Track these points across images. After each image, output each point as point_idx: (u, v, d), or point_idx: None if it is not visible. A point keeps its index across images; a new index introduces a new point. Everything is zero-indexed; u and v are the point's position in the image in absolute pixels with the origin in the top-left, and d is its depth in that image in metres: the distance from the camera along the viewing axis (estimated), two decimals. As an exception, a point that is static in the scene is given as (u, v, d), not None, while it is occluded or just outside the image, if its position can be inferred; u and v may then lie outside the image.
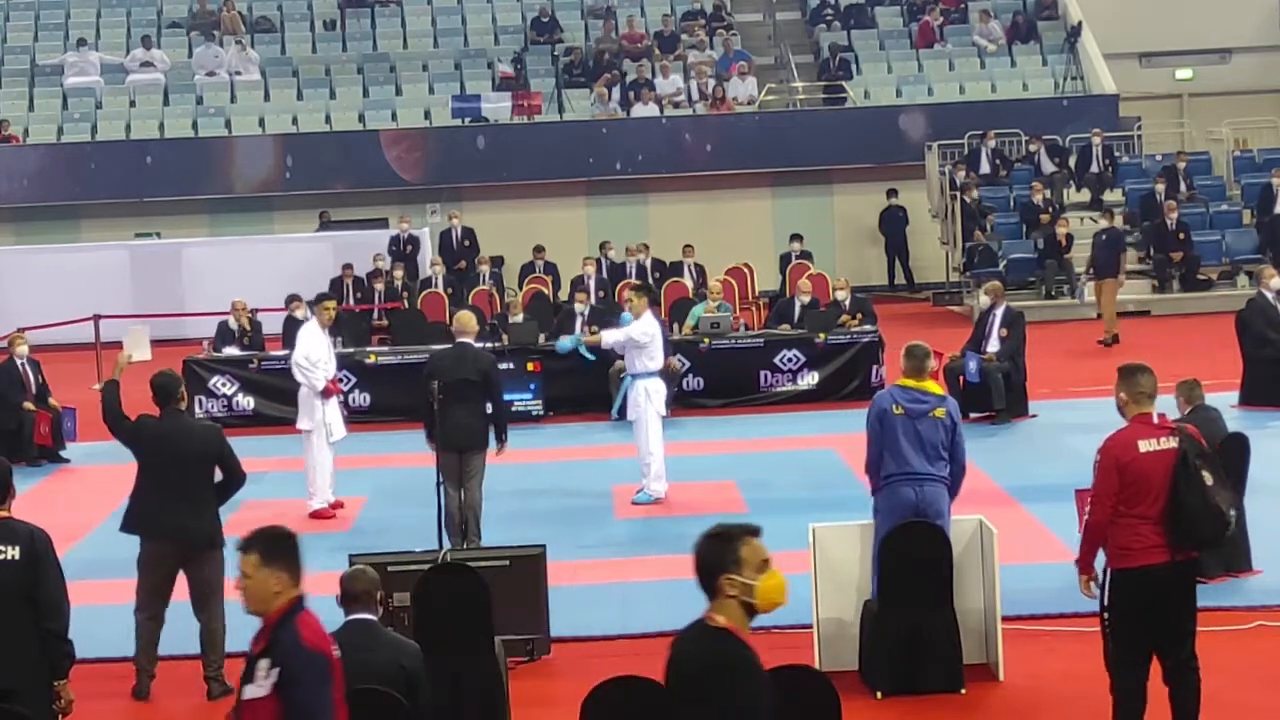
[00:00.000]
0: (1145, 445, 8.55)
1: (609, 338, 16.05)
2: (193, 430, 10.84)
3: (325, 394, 15.43)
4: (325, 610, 8.64)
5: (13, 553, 8.20)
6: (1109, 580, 8.59)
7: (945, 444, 10.34)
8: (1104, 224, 25.71)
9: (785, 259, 29.07)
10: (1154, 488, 8.51)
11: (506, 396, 15.15)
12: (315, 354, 15.42)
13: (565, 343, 18.55)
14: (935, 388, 10.56)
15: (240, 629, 11.93)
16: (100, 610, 11.29)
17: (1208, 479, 8.57)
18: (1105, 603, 8.59)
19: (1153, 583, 8.51)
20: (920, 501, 10.28)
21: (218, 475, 10.73)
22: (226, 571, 10.60)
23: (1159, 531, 8.49)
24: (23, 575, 8.19)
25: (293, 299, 21.36)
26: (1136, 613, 8.54)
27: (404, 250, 28.63)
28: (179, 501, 10.56)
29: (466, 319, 14.23)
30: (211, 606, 10.63)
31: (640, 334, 15.52)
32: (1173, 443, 8.61)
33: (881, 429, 10.29)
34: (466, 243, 29.44)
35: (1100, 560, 8.69)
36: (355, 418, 18.50)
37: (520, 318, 22.06)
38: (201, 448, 10.65)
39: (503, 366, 17.83)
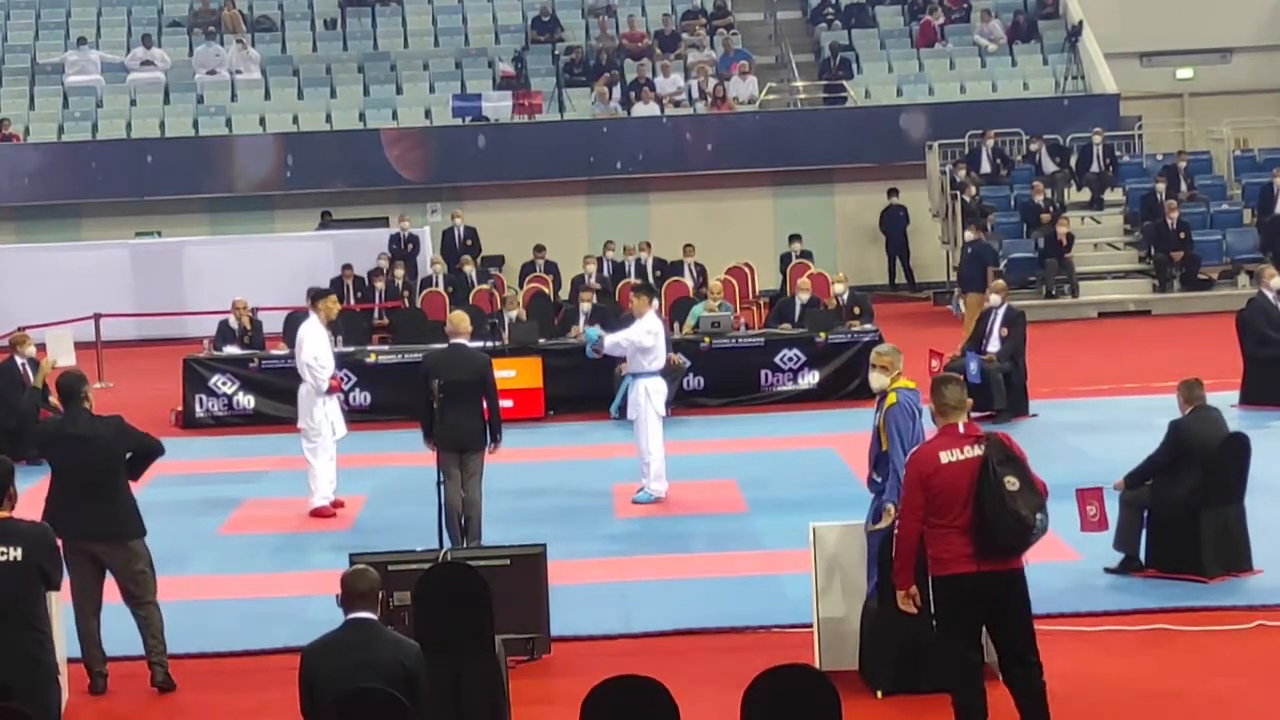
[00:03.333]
0: (947, 456, 8.71)
1: (610, 341, 15.89)
2: (95, 429, 10.69)
3: (330, 390, 15.43)
4: (326, 610, 8.67)
5: (14, 553, 8.21)
6: (932, 587, 8.83)
7: None
8: (971, 236, 25.39)
9: (786, 259, 29.06)
10: (960, 498, 8.68)
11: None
12: (322, 353, 15.40)
13: (591, 331, 17.88)
14: (912, 383, 10.72)
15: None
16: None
17: (1011, 484, 8.67)
18: (933, 609, 8.83)
19: (964, 591, 8.71)
20: None
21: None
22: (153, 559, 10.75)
23: (967, 541, 8.68)
24: (24, 576, 8.20)
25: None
26: (958, 618, 8.76)
27: (405, 249, 28.64)
28: (88, 501, 10.56)
29: (459, 319, 14.20)
30: (140, 595, 10.63)
31: (645, 334, 15.48)
32: (977, 451, 8.70)
33: (915, 431, 10.36)
34: (469, 242, 29.44)
35: None
36: (355, 417, 18.46)
37: (515, 314, 22.03)
38: (106, 445, 10.64)
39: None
